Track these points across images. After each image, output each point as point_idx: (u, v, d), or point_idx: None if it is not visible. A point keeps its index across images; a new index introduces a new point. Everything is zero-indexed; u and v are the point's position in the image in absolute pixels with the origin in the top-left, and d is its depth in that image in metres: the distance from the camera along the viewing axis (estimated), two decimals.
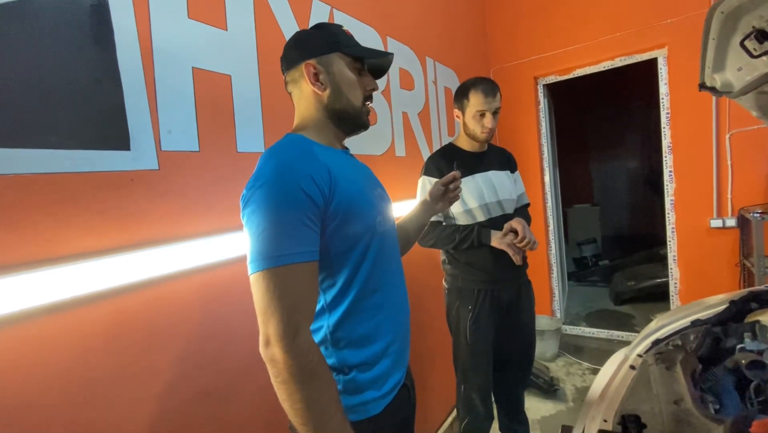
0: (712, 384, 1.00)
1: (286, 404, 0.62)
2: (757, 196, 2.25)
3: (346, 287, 0.76)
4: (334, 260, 0.74)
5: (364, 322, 0.78)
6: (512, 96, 2.96)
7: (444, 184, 1.10)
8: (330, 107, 0.81)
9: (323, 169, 0.71)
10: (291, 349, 0.60)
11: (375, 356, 0.80)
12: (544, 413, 2.13)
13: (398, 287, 0.88)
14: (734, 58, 0.88)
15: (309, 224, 0.66)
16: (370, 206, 0.81)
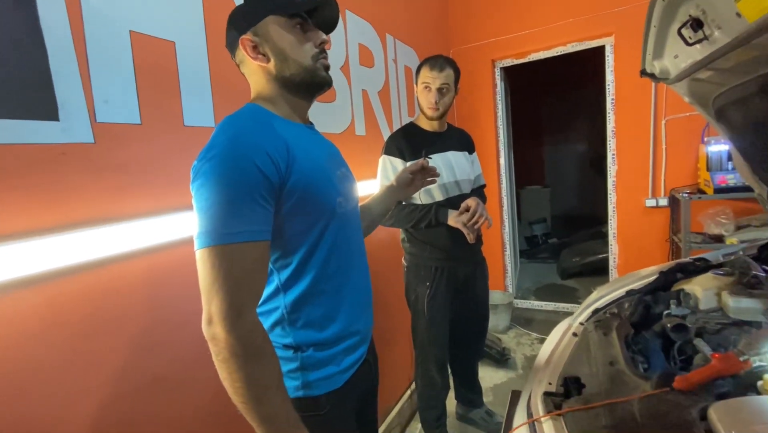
0: (642, 346, 1.10)
1: (226, 382, 0.61)
2: (686, 178, 2.47)
3: (302, 268, 0.74)
4: (289, 239, 0.72)
5: (324, 303, 0.78)
6: (471, 78, 3.00)
7: (411, 172, 1.10)
8: (280, 76, 0.76)
9: (281, 144, 0.68)
10: (233, 328, 0.59)
11: (335, 336, 0.79)
12: (497, 381, 2.27)
13: (360, 269, 0.88)
14: (672, 45, 0.94)
15: (261, 201, 0.64)
16: (330, 186, 0.78)
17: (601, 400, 0.85)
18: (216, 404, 1.04)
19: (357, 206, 0.90)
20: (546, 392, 0.96)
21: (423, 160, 1.10)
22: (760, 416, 0.67)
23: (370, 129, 1.81)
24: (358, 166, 1.70)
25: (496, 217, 3.14)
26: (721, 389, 0.82)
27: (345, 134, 1.64)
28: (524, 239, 4.98)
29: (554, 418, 0.86)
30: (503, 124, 3.11)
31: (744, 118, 0.99)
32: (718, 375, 0.82)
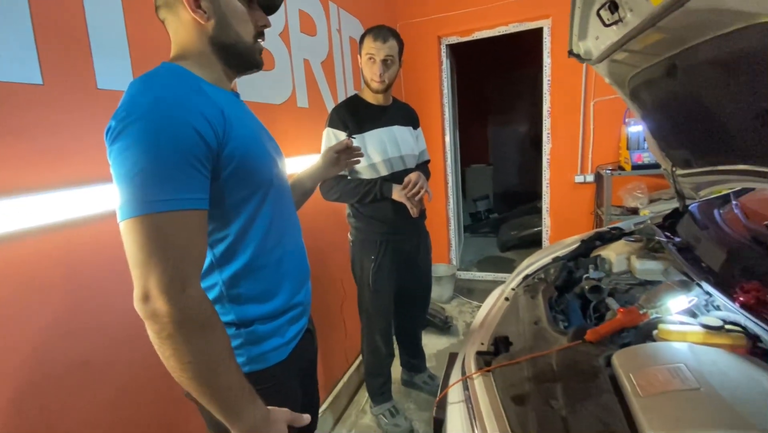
0: (564, 307, 1.21)
1: (172, 360, 0.56)
2: (610, 156, 2.70)
3: (240, 243, 0.72)
4: (226, 211, 0.69)
5: (265, 278, 0.76)
6: (417, 54, 2.99)
7: (336, 151, 1.11)
8: (216, 40, 0.71)
9: (215, 109, 0.64)
10: (178, 301, 0.54)
11: (278, 310, 0.79)
12: (440, 347, 2.40)
13: (297, 241, 0.87)
14: (594, 26, 1.00)
15: (199, 167, 0.59)
16: (266, 156, 0.77)
17: (525, 355, 0.94)
18: (148, 387, 1.00)
19: (287, 181, 0.88)
20: (478, 352, 1.03)
21: (348, 140, 1.12)
22: (652, 360, 0.78)
23: (313, 101, 1.76)
24: (302, 139, 1.65)
25: (441, 194, 3.24)
26: (626, 339, 0.94)
27: (286, 105, 1.58)
28: (468, 215, 5.21)
29: (484, 374, 0.93)
30: (449, 102, 3.17)
31: (652, 98, 1.09)
32: (622, 327, 0.94)
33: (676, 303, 0.92)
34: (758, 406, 0.62)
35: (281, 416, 0.68)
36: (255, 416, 0.63)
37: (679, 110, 1.03)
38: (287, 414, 0.69)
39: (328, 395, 1.89)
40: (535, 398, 0.81)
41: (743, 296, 0.78)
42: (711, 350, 0.77)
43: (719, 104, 0.85)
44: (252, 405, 0.63)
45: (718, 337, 0.81)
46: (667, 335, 0.86)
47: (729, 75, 0.74)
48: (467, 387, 0.94)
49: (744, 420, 0.60)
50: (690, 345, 0.80)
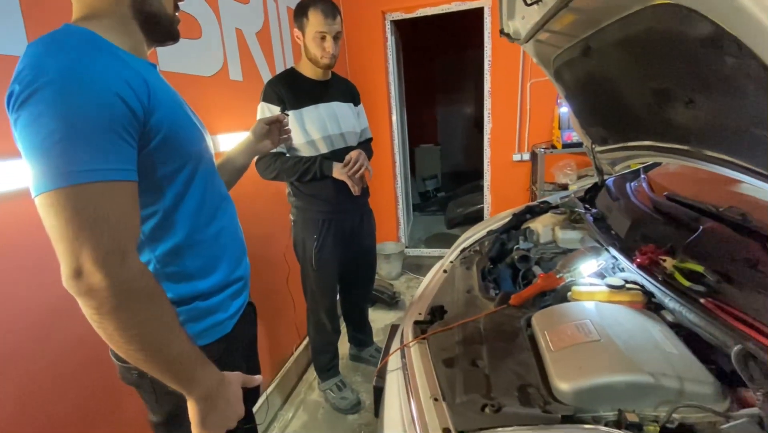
0: (496, 276, 1.29)
1: (116, 335, 0.53)
2: (544, 135, 2.86)
3: (171, 218, 0.69)
4: (155, 185, 0.66)
5: (203, 254, 0.75)
6: (361, 29, 2.93)
7: (267, 123, 1.07)
8: (138, 7, 0.67)
9: (137, 76, 0.59)
10: (120, 272, 0.52)
11: (218, 285, 0.78)
12: (387, 322, 2.47)
13: (231, 215, 0.86)
14: (520, 6, 1.03)
15: (127, 137, 0.56)
16: (194, 128, 0.74)
17: (457, 321, 1.00)
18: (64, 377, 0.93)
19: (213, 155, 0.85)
20: (415, 321, 1.07)
21: (281, 114, 1.09)
22: (563, 318, 0.86)
23: (248, 74, 1.66)
24: (236, 115, 1.57)
25: (389, 173, 3.26)
26: (546, 302, 1.03)
27: (217, 78, 1.48)
28: (418, 194, 5.31)
29: (420, 342, 0.98)
30: (395, 81, 3.15)
31: (572, 78, 1.16)
32: (542, 291, 1.02)
33: (587, 267, 1.02)
34: (647, 351, 0.71)
35: (236, 379, 0.69)
36: (211, 379, 0.63)
37: (595, 90, 1.11)
38: (240, 376, 0.70)
39: (276, 374, 1.88)
40: (463, 360, 0.86)
41: (640, 258, 0.88)
42: (613, 306, 0.87)
43: (626, 84, 0.93)
44: (206, 369, 0.63)
45: (620, 295, 0.91)
46: (579, 295, 0.95)
47: (631, 56, 0.81)
48: (404, 355, 0.98)
49: (634, 364, 0.68)
50: (596, 303, 0.89)
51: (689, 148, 0.87)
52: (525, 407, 0.68)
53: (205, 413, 0.63)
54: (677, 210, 1.04)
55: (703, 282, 0.74)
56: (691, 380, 0.65)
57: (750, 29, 0.43)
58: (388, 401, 0.91)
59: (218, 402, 0.64)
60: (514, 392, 0.73)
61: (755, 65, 0.47)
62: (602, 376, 0.68)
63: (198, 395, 0.62)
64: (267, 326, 1.76)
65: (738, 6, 0.42)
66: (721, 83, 0.57)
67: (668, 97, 0.78)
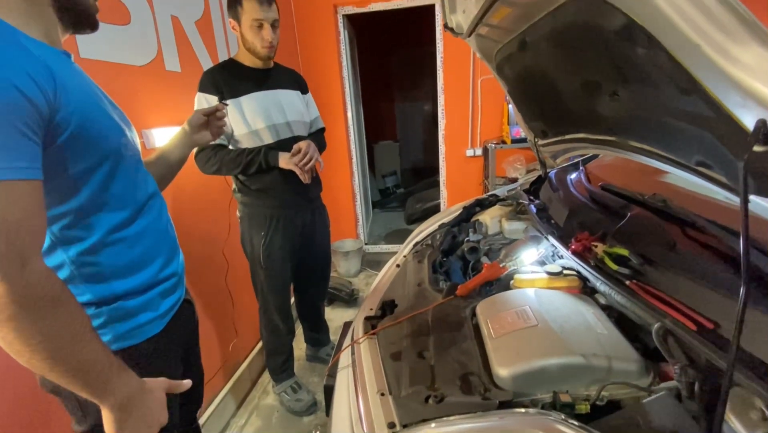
0: (447, 268, 1.30)
1: (17, 344, 0.50)
2: (495, 131, 2.95)
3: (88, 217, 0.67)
4: (66, 183, 0.63)
5: (126, 252, 0.73)
6: (313, 23, 2.86)
7: (205, 114, 1.02)
8: None
9: (42, 68, 0.55)
10: (19, 279, 0.49)
11: (146, 283, 0.76)
12: (346, 319, 2.44)
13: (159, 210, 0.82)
14: (460, 0, 1.04)
15: (28, 133, 0.52)
16: (111, 123, 0.70)
17: (406, 315, 0.99)
18: None
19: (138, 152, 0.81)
20: (366, 317, 1.06)
21: (219, 104, 1.05)
22: (505, 305, 0.88)
23: (187, 65, 1.56)
24: (174, 108, 1.47)
25: (346, 170, 3.22)
26: (492, 291, 1.05)
27: (151, 68, 1.37)
28: (378, 191, 5.31)
29: (370, 337, 0.97)
30: (349, 76, 3.11)
31: (512, 72, 1.20)
32: (486, 280, 1.04)
33: (528, 255, 1.05)
34: (579, 334, 0.74)
35: (158, 385, 0.66)
36: (127, 386, 0.61)
37: (533, 84, 1.14)
38: (164, 382, 0.68)
39: (230, 379, 1.80)
40: (409, 353, 0.86)
41: (574, 245, 0.92)
42: (551, 292, 0.90)
43: (559, 77, 0.96)
44: (122, 377, 0.61)
45: (559, 281, 0.94)
46: (521, 283, 0.98)
47: (561, 49, 0.83)
48: (354, 352, 0.97)
49: (567, 347, 0.71)
50: (536, 290, 0.92)
51: (616, 140, 0.91)
52: (466, 396, 0.69)
53: (121, 422, 0.60)
54: (610, 199, 1.09)
55: (628, 265, 0.78)
56: (619, 359, 0.69)
57: (657, 21, 0.45)
58: (338, 399, 0.89)
59: (136, 410, 0.61)
60: (457, 381, 0.73)
61: (663, 56, 0.49)
62: (538, 360, 0.70)
63: (112, 404, 0.59)
64: (209, 327, 1.68)
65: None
66: (636, 75, 0.60)
67: (595, 89, 0.82)
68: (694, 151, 0.59)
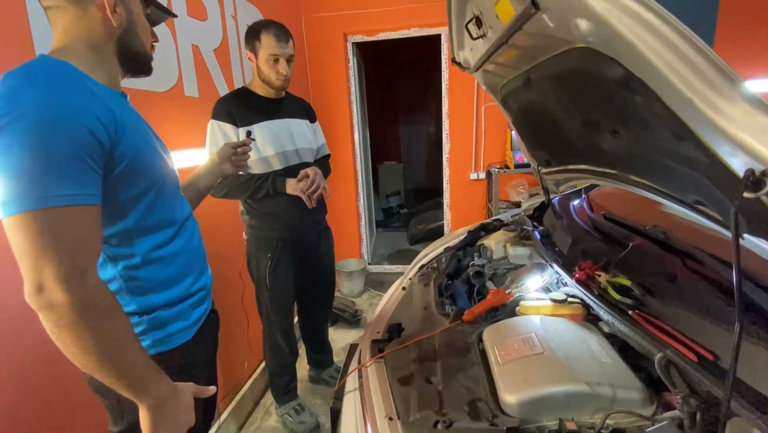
0: (453, 292, 1.32)
1: (74, 347, 0.59)
2: (498, 156, 3.02)
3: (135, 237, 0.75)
4: (119, 207, 0.72)
5: (164, 268, 0.80)
6: (324, 50, 2.98)
7: (234, 147, 1.12)
8: (122, 44, 0.76)
9: (106, 109, 0.65)
10: (78, 289, 0.57)
11: (180, 296, 0.83)
12: (349, 340, 2.45)
13: (193, 231, 0.91)
14: (467, 39, 1.11)
15: (94, 165, 0.62)
16: (157, 156, 0.80)
17: (413, 339, 1.01)
18: None
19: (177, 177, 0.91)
20: (373, 340, 1.08)
21: (247, 139, 1.13)
22: (511, 332, 0.90)
23: (204, 91, 1.64)
24: (190, 132, 1.53)
25: (352, 190, 3.28)
26: (498, 317, 1.07)
27: (171, 94, 1.44)
28: (381, 211, 5.36)
29: (378, 361, 0.98)
30: (356, 100, 3.21)
31: (517, 105, 1.25)
32: (492, 306, 1.07)
33: (533, 282, 1.08)
34: (584, 362, 0.77)
35: (187, 389, 0.74)
36: (162, 389, 0.68)
37: (537, 117, 1.19)
38: (192, 387, 0.75)
39: (232, 400, 1.80)
40: (417, 378, 0.88)
41: (578, 273, 0.95)
42: (556, 320, 0.93)
43: (562, 113, 1.01)
44: (158, 380, 0.68)
45: (563, 308, 0.97)
46: (526, 310, 1.00)
47: (563, 89, 0.89)
48: (362, 375, 0.98)
49: (574, 375, 0.73)
50: (542, 317, 0.94)
51: (617, 173, 0.95)
52: (474, 422, 0.71)
53: (156, 420, 0.67)
54: (612, 228, 1.13)
55: (630, 295, 0.81)
56: (622, 387, 0.71)
57: (653, 76, 0.50)
58: (345, 423, 0.90)
59: (169, 410, 0.68)
60: (465, 407, 0.75)
61: (659, 106, 0.53)
62: (544, 387, 0.72)
63: (149, 403, 0.66)
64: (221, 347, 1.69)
65: (640, 54, 0.49)
66: (635, 118, 0.64)
67: (597, 127, 0.87)
68: (690, 190, 0.63)
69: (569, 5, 0.53)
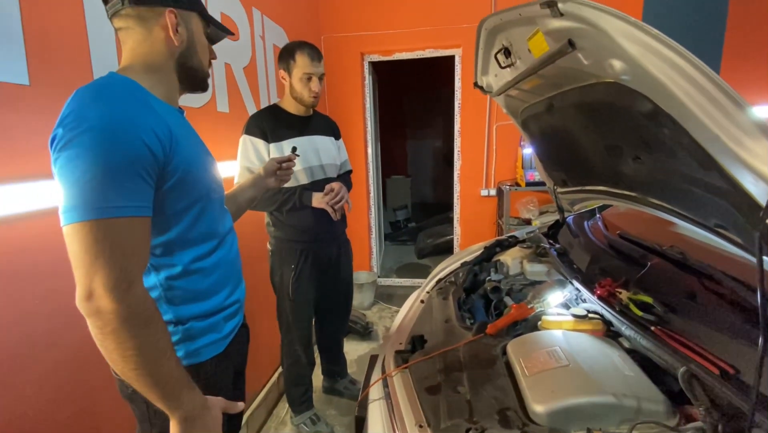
0: (470, 306, 1.36)
1: (115, 354, 0.60)
2: (509, 173, 3.08)
3: (178, 248, 0.77)
4: (166, 219, 0.74)
5: (202, 280, 0.81)
6: (341, 68, 3.08)
7: (279, 162, 1.16)
8: (182, 62, 0.79)
9: (164, 125, 0.68)
10: (124, 298, 0.59)
11: (214, 309, 0.84)
12: (360, 353, 2.47)
13: (232, 245, 0.92)
14: (493, 66, 1.17)
15: (146, 178, 0.64)
16: (205, 171, 0.82)
17: (437, 350, 1.05)
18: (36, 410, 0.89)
19: (223, 188, 0.93)
20: (397, 351, 1.11)
21: (292, 154, 1.17)
22: (536, 345, 0.94)
23: (234, 107, 1.72)
24: (220, 144, 1.60)
25: (363, 203, 3.34)
26: (519, 331, 1.11)
27: (205, 109, 1.52)
28: (389, 224, 5.41)
29: (402, 371, 1.02)
30: (371, 116, 3.30)
31: (537, 128, 1.31)
32: (515, 320, 1.11)
33: (554, 298, 1.12)
34: (608, 375, 0.80)
35: (217, 403, 0.74)
36: (194, 402, 0.68)
37: (557, 140, 1.25)
38: (222, 402, 0.75)
39: (246, 409, 1.82)
40: (445, 387, 0.91)
41: (600, 290, 0.99)
42: (578, 334, 0.96)
43: (584, 138, 1.07)
44: (191, 393, 0.68)
45: (584, 324, 1.01)
46: (548, 324, 1.04)
47: (587, 117, 0.95)
48: (387, 385, 1.02)
49: (599, 386, 0.77)
50: (564, 332, 0.98)
51: (637, 195, 1.00)
52: (506, 429, 0.74)
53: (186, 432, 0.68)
54: (629, 247, 1.17)
55: (652, 312, 0.85)
56: (646, 399, 0.74)
57: (682, 113, 0.55)
58: (372, 431, 0.93)
59: (198, 424, 0.69)
60: (495, 416, 0.78)
61: (686, 138, 0.59)
62: (572, 398, 0.75)
63: (180, 415, 0.67)
64: None
65: (671, 94, 0.55)
66: (660, 147, 0.70)
67: (619, 152, 0.92)
68: (712, 215, 0.68)
69: (605, 47, 0.59)
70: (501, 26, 0.91)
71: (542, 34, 0.74)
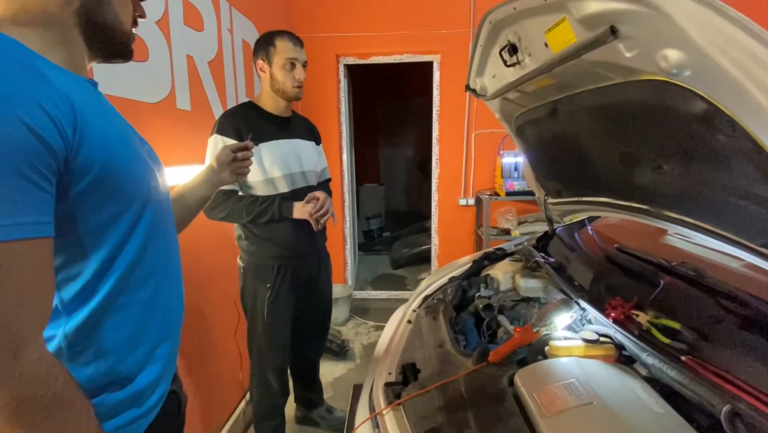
0: (462, 326, 1.25)
1: None
2: (488, 183, 3.03)
3: (100, 279, 0.54)
4: (82, 238, 0.52)
5: (125, 324, 0.58)
6: (316, 70, 2.93)
7: (234, 150, 0.95)
8: (87, 15, 0.56)
9: (60, 99, 0.46)
10: (10, 376, 0.39)
11: (136, 366, 0.60)
12: (336, 375, 2.29)
13: (174, 273, 0.70)
14: (492, 65, 1.08)
15: (37, 179, 0.42)
16: (141, 163, 0.60)
17: (434, 382, 0.92)
18: None
19: (169, 195, 0.72)
20: (386, 383, 0.98)
21: (249, 142, 0.97)
22: (549, 377, 0.83)
23: (197, 104, 1.53)
24: (181, 147, 1.41)
25: (338, 213, 3.18)
26: (520, 355, 1.00)
27: (163, 106, 1.33)
28: (362, 233, 5.27)
29: (395, 408, 0.88)
30: (346, 121, 3.17)
31: (534, 135, 1.23)
32: (519, 346, 1.00)
33: (561, 320, 1.03)
34: (637, 413, 0.70)
35: None
36: None
37: (556, 147, 1.17)
38: None
39: None
40: (448, 430, 0.78)
41: (613, 313, 0.90)
42: (593, 363, 0.87)
43: (591, 145, 0.99)
44: None
45: (595, 349, 0.91)
46: (557, 350, 0.94)
47: (601, 121, 0.86)
48: (377, 424, 0.88)
49: (629, 428, 0.67)
50: (577, 360, 0.88)
51: (648, 208, 0.93)
52: None
53: None
54: (632, 263, 1.10)
55: (679, 339, 0.77)
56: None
57: (756, 115, 0.46)
58: None
59: None
60: None
61: (749, 145, 0.50)
62: None
63: None
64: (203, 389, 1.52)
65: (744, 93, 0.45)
66: (705, 155, 0.61)
67: (635, 160, 0.84)
68: (761, 233, 0.60)
69: (661, 35, 0.49)
70: (511, 18, 0.81)
71: (569, 23, 0.63)
